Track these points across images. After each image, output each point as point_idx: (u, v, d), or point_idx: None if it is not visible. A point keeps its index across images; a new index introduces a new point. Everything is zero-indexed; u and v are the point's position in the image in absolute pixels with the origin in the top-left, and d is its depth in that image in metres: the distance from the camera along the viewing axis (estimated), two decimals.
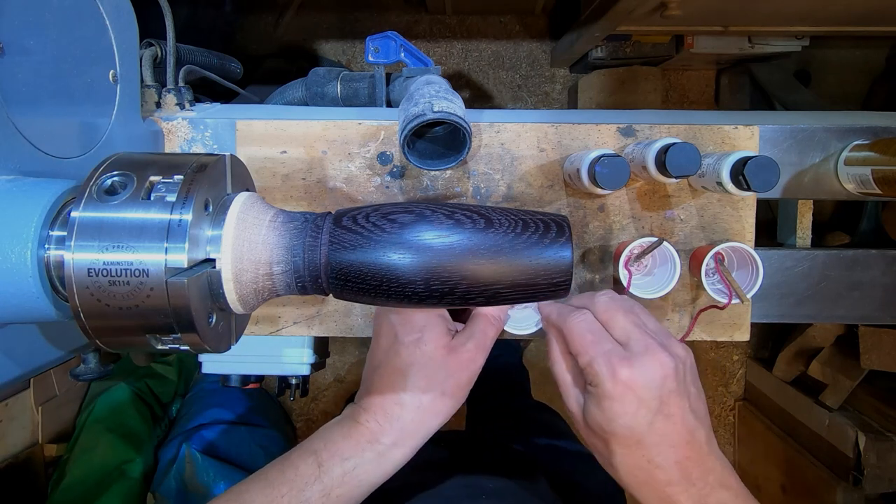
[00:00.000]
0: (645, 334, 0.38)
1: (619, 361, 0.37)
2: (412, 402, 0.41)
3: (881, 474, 1.12)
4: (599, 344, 0.38)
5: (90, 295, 0.28)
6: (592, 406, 0.38)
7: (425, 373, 0.41)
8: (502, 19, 1.48)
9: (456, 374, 0.42)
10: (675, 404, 0.37)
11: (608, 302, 0.41)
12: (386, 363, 0.43)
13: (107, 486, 1.13)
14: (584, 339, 0.39)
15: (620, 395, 0.36)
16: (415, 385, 0.41)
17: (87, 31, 0.41)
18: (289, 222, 0.35)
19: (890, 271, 0.59)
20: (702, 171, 0.50)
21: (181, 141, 0.55)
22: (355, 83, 0.65)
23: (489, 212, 0.37)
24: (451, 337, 0.43)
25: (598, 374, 0.37)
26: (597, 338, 0.39)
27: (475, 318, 0.45)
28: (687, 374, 0.39)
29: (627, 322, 0.39)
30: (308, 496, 0.39)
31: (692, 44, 1.25)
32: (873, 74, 1.45)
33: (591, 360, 0.38)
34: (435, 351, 0.42)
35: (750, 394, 1.58)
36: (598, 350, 0.38)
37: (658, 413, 0.36)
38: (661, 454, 0.37)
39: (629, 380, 0.36)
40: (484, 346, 0.43)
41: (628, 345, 0.38)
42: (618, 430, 0.37)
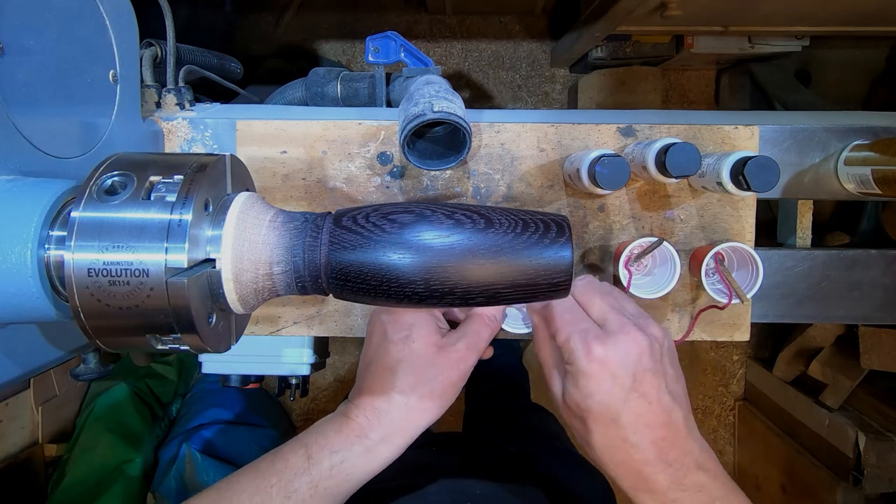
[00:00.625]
0: (620, 315, 0.40)
1: (594, 339, 0.38)
2: (400, 399, 0.42)
3: (881, 474, 1.12)
4: (576, 323, 0.39)
5: (90, 295, 0.28)
6: (569, 384, 0.39)
7: (413, 370, 0.42)
8: (502, 19, 1.48)
9: (445, 373, 0.42)
10: (650, 383, 0.38)
11: (586, 285, 0.42)
12: (376, 361, 0.44)
13: (107, 486, 1.13)
14: (563, 318, 0.40)
15: (595, 373, 0.37)
16: (403, 382, 0.42)
17: (87, 31, 0.41)
18: (289, 222, 0.35)
19: (890, 271, 0.59)
20: (702, 171, 0.50)
21: (181, 141, 0.55)
22: (355, 83, 0.65)
23: (489, 212, 0.37)
24: (440, 335, 0.44)
25: (574, 350, 0.38)
26: (574, 317, 0.40)
27: (470, 318, 0.45)
28: (664, 354, 0.39)
29: (604, 303, 0.41)
30: (296, 487, 0.40)
31: (692, 44, 1.25)
32: (873, 74, 1.45)
33: (568, 338, 0.39)
34: (424, 349, 0.42)
35: (750, 394, 1.58)
36: (574, 328, 0.39)
37: (632, 391, 0.37)
38: (637, 433, 0.37)
39: (603, 357, 0.37)
40: (476, 347, 0.44)
41: (604, 325, 0.39)
42: (593, 407, 0.38)
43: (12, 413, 1.11)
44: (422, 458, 0.55)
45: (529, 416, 0.93)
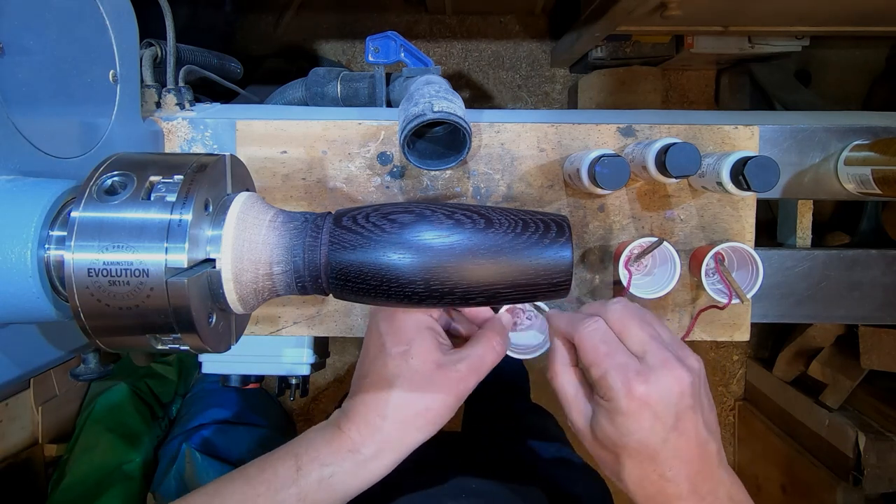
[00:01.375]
0: (661, 346, 0.37)
1: (636, 376, 0.35)
2: (394, 416, 0.40)
3: (881, 474, 1.12)
4: (614, 356, 0.36)
5: (90, 295, 0.28)
6: (603, 420, 0.37)
7: (410, 387, 0.41)
8: (502, 19, 1.48)
9: (443, 393, 0.41)
10: (690, 419, 0.36)
11: (622, 310, 0.39)
12: (372, 372, 0.42)
13: (107, 486, 1.13)
14: (598, 350, 0.37)
15: (636, 412, 0.35)
16: (399, 398, 0.41)
17: (87, 31, 0.41)
18: (289, 222, 0.35)
19: (890, 271, 0.59)
20: (702, 171, 0.50)
21: (181, 141, 0.55)
22: (355, 83, 0.65)
23: (489, 212, 0.37)
24: (441, 352, 0.42)
25: (613, 388, 0.36)
26: (611, 349, 0.37)
27: (476, 339, 0.43)
28: (701, 387, 0.38)
29: (643, 333, 0.38)
30: (283, 498, 0.39)
31: (692, 44, 1.25)
32: (873, 74, 1.45)
33: (605, 373, 0.36)
34: (422, 365, 0.41)
35: (750, 394, 1.58)
36: (612, 362, 0.36)
37: (673, 429, 0.35)
38: (674, 469, 0.36)
39: (645, 396, 0.35)
40: (478, 371, 0.42)
41: (644, 357, 0.36)
42: (631, 445, 0.36)
43: (12, 413, 1.11)
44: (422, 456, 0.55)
45: (529, 417, 0.93)
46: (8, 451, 1.09)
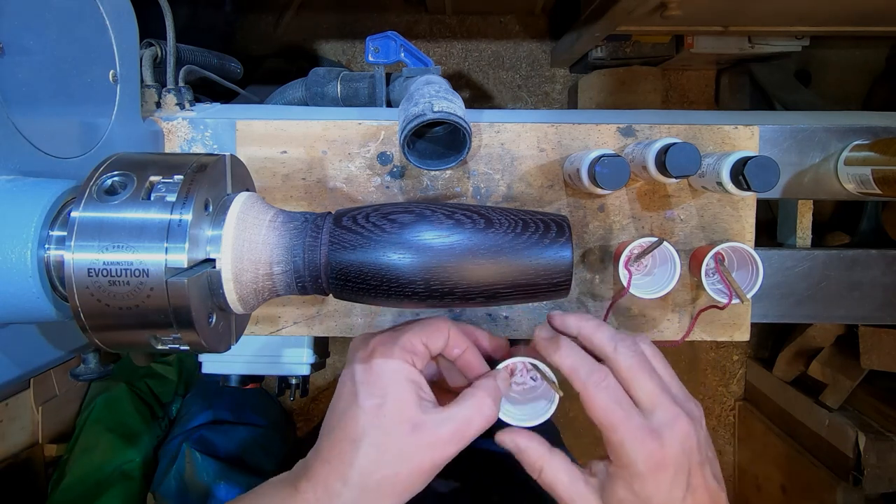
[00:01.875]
0: (670, 400, 0.36)
1: (652, 439, 0.34)
2: (358, 481, 0.35)
3: (881, 474, 1.12)
4: (630, 419, 0.35)
5: (90, 295, 0.28)
6: (619, 488, 0.35)
7: (380, 448, 0.36)
8: (502, 19, 1.48)
9: (416, 458, 0.36)
10: (701, 474, 0.36)
11: (632, 360, 0.37)
12: (339, 428, 0.37)
13: (107, 486, 1.13)
14: (614, 413, 0.35)
15: (654, 475, 0.34)
16: (365, 460, 0.35)
17: (87, 31, 0.41)
18: (289, 222, 0.35)
19: (890, 271, 0.59)
20: (702, 171, 0.50)
21: (181, 141, 0.56)
22: (355, 83, 0.65)
23: (489, 212, 0.37)
24: (420, 409, 0.37)
25: (631, 453, 0.34)
26: (627, 412, 0.35)
27: (464, 399, 0.38)
28: (704, 437, 0.37)
29: (652, 384, 0.36)
30: None
31: (692, 44, 1.25)
32: (873, 74, 1.45)
33: (624, 439, 0.34)
34: (397, 424, 0.36)
35: (750, 394, 1.58)
36: (629, 426, 0.34)
37: (688, 487, 0.35)
38: None
39: (662, 458, 0.34)
40: (461, 437, 0.37)
41: (654, 413, 0.35)
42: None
43: (12, 413, 1.11)
44: None
45: None
46: (8, 451, 1.09)
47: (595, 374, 0.36)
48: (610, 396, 0.35)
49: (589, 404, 0.36)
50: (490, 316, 0.57)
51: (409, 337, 0.40)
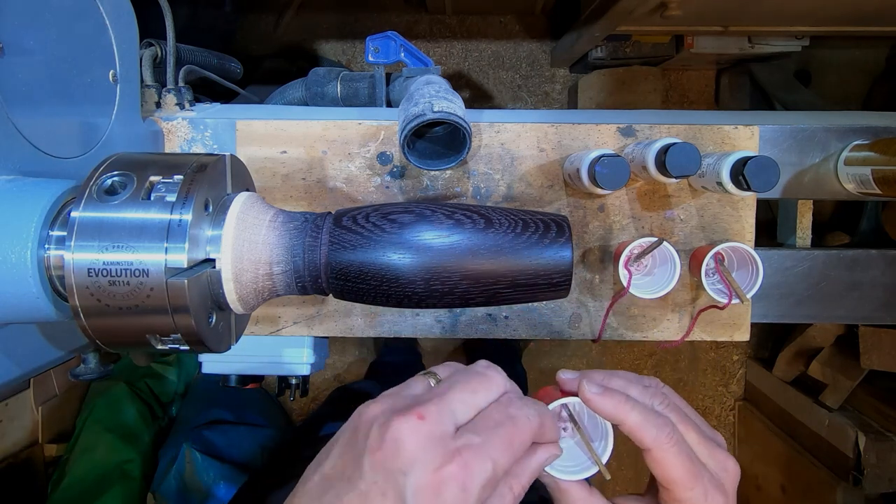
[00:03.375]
0: (714, 448, 0.35)
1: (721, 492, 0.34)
2: None
3: (881, 474, 1.12)
4: (703, 475, 0.33)
5: (90, 295, 0.28)
6: None
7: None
8: (502, 19, 1.48)
9: None
10: None
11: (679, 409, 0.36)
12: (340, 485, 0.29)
13: (107, 486, 1.13)
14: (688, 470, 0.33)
15: None
16: None
17: (87, 31, 0.41)
18: (289, 222, 0.35)
19: (890, 271, 0.59)
20: (702, 171, 0.50)
21: (181, 141, 0.55)
22: (355, 83, 0.65)
23: (489, 212, 0.37)
24: None
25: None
26: (698, 470, 0.34)
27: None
28: None
29: (700, 437, 0.35)
30: None
31: (692, 44, 1.25)
32: (873, 74, 1.45)
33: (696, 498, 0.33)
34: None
35: (750, 394, 1.58)
36: (702, 484, 0.33)
37: None
38: None
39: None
40: None
41: (708, 463, 0.35)
42: None
43: (12, 413, 1.11)
44: None
45: None
46: (8, 451, 1.09)
47: (665, 429, 0.34)
48: (682, 453, 0.34)
49: (664, 463, 0.34)
50: (490, 316, 0.57)
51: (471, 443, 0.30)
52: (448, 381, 0.33)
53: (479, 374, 0.33)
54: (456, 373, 0.34)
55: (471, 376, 0.33)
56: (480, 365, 0.34)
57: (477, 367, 0.34)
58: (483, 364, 0.35)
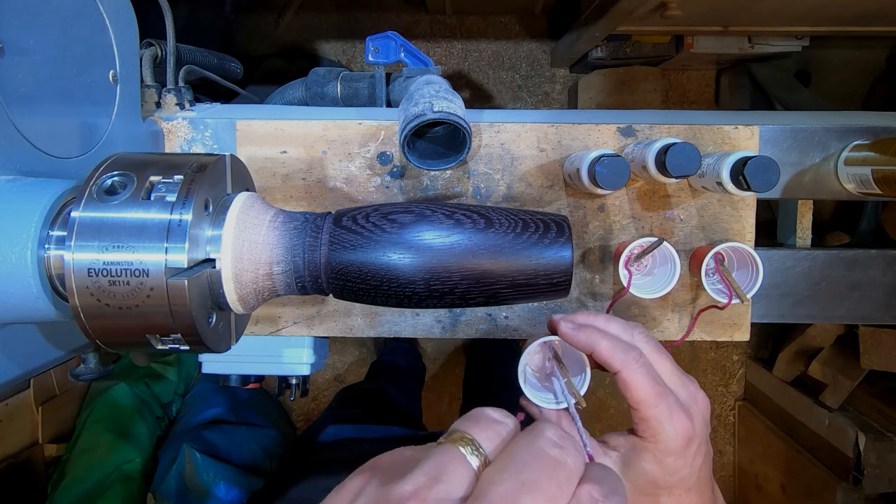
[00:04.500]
0: (687, 381, 0.38)
1: (685, 417, 0.35)
2: None
3: (881, 474, 1.12)
4: (667, 396, 0.35)
5: (90, 295, 0.28)
6: (649, 464, 0.36)
7: None
8: (502, 19, 1.48)
9: None
10: (707, 453, 0.37)
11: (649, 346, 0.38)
12: None
13: (107, 486, 1.13)
14: (653, 390, 0.35)
15: (683, 450, 0.35)
16: None
17: (87, 31, 0.41)
18: (289, 222, 0.35)
19: (890, 271, 0.59)
20: (702, 171, 0.50)
21: (181, 141, 0.55)
22: (355, 83, 0.65)
23: (489, 212, 0.37)
24: None
25: (666, 430, 0.35)
26: (663, 389, 0.36)
27: None
28: None
29: (673, 368, 0.38)
30: None
31: (692, 44, 1.26)
32: (873, 74, 1.45)
33: (661, 416, 0.35)
34: None
35: (750, 394, 1.58)
36: (667, 403, 0.35)
37: (704, 457, 0.37)
38: (702, 493, 0.37)
39: (690, 433, 0.35)
40: None
41: (679, 391, 0.36)
42: (676, 484, 0.36)
43: (12, 413, 1.11)
44: None
45: None
46: (8, 451, 1.09)
47: (632, 353, 0.36)
48: (649, 375, 0.36)
49: (629, 383, 0.36)
50: (490, 316, 0.58)
51: None
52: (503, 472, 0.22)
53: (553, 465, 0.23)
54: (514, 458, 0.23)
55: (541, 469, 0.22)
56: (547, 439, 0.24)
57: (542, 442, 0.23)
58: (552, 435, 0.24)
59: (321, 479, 0.54)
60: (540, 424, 0.25)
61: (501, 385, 1.16)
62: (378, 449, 0.29)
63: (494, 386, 1.14)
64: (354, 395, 0.95)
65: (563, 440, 0.24)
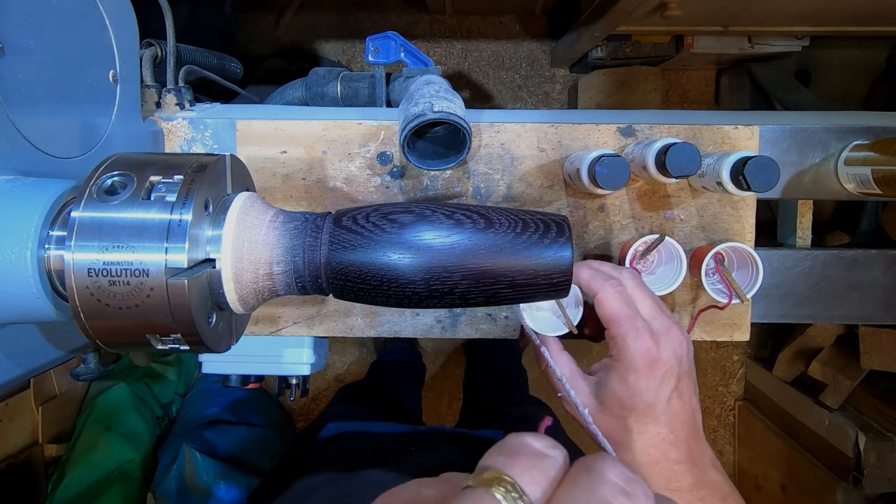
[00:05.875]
0: (665, 315, 0.40)
1: (650, 338, 0.38)
2: None
3: (881, 474, 1.12)
4: (634, 319, 0.39)
5: (90, 295, 0.28)
6: (614, 382, 0.39)
7: None
8: (502, 19, 1.48)
9: None
10: (686, 384, 0.39)
11: (634, 279, 0.42)
12: None
13: (107, 486, 1.13)
14: (622, 310, 0.39)
15: (647, 370, 0.38)
16: None
17: (87, 31, 0.41)
18: (289, 222, 0.35)
19: (890, 271, 0.59)
20: (702, 171, 0.50)
21: (181, 141, 0.55)
22: (355, 83, 0.65)
23: (489, 212, 0.37)
24: None
25: (630, 347, 0.38)
26: (632, 312, 0.39)
27: None
28: (691, 354, 0.41)
29: (652, 302, 0.41)
30: None
31: (692, 44, 1.26)
32: (873, 74, 1.45)
33: (626, 333, 0.38)
34: None
35: (750, 394, 1.58)
36: (632, 324, 0.38)
37: (674, 390, 0.38)
38: (675, 431, 0.38)
39: (656, 357, 0.38)
40: None
41: (652, 322, 0.39)
42: (639, 405, 0.38)
43: (12, 413, 1.11)
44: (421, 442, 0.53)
45: (526, 406, 0.93)
46: (8, 451, 1.09)
47: (610, 280, 0.40)
48: (621, 299, 0.39)
49: (602, 302, 0.40)
50: (490, 316, 0.58)
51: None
52: None
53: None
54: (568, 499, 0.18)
55: None
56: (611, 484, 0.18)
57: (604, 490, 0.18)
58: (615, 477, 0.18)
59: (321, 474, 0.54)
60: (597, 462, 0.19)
61: (502, 385, 1.16)
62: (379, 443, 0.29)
63: (494, 386, 1.15)
64: (355, 392, 0.95)
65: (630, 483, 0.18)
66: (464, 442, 0.69)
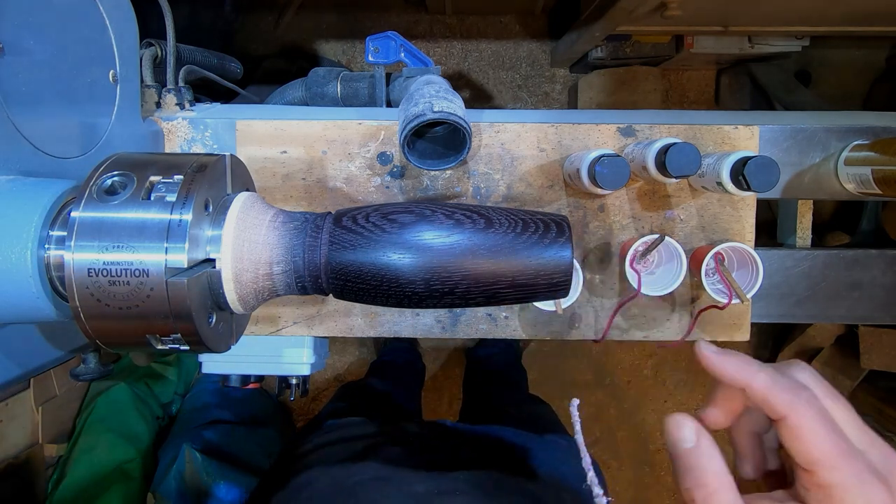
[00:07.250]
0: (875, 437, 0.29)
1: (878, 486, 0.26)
2: None
3: None
4: (855, 458, 0.26)
5: (90, 295, 0.28)
6: None
7: None
8: (502, 19, 1.48)
9: None
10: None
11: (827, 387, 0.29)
12: None
13: (107, 486, 1.13)
14: (836, 446, 0.26)
15: None
16: None
17: (87, 31, 0.41)
18: (289, 222, 0.35)
19: (890, 271, 0.59)
20: (702, 171, 0.50)
21: (181, 141, 0.55)
22: (355, 83, 0.65)
23: (489, 212, 0.37)
24: None
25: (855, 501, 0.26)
26: (848, 447, 0.27)
27: None
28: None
29: (857, 419, 0.29)
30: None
31: (692, 44, 1.25)
32: (873, 74, 1.45)
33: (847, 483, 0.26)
34: None
35: None
36: (855, 467, 0.26)
37: None
38: None
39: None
40: None
41: (868, 452, 0.28)
42: None
43: (12, 413, 1.11)
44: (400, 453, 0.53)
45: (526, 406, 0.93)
46: (8, 451, 1.09)
47: (801, 392, 0.28)
48: (828, 425, 0.27)
49: (802, 433, 0.27)
50: (490, 316, 0.58)
51: None
52: None
53: None
54: None
55: None
56: None
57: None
58: None
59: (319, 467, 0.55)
60: None
61: (502, 385, 1.16)
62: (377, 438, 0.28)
63: (494, 386, 1.15)
64: (355, 391, 0.95)
65: None
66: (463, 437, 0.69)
